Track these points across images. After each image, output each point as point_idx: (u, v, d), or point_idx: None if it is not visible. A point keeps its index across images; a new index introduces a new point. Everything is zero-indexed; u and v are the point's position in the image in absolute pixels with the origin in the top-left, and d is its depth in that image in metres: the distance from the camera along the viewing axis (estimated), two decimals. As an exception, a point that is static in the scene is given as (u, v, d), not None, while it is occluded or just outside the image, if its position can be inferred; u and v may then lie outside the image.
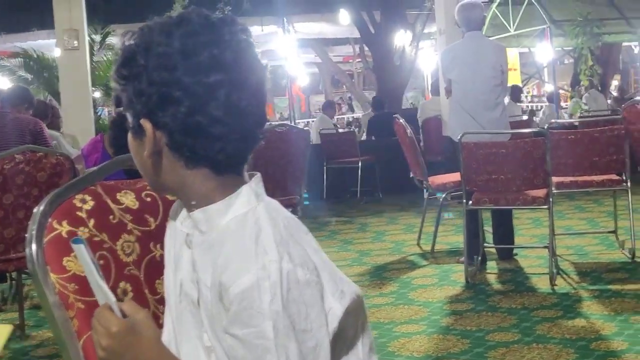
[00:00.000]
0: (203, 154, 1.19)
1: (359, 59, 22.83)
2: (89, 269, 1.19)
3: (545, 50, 13.63)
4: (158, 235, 1.44)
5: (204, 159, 1.20)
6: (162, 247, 1.42)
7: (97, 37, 12.45)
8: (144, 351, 1.21)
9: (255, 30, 16.66)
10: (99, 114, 12.99)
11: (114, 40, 12.50)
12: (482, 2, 6.66)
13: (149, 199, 1.50)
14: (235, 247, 1.17)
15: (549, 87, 16.55)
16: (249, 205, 1.22)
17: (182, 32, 1.18)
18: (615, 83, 19.99)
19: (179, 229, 1.29)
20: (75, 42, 8.99)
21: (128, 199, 1.47)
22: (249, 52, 1.21)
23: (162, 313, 1.40)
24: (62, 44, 9.11)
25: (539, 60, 16.31)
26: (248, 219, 1.20)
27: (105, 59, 12.53)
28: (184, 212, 1.28)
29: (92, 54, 11.08)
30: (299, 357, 1.12)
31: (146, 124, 1.19)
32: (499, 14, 14.16)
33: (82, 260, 1.19)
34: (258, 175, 1.28)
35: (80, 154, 5.32)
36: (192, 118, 1.17)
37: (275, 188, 5.22)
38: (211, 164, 1.21)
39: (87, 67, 9.37)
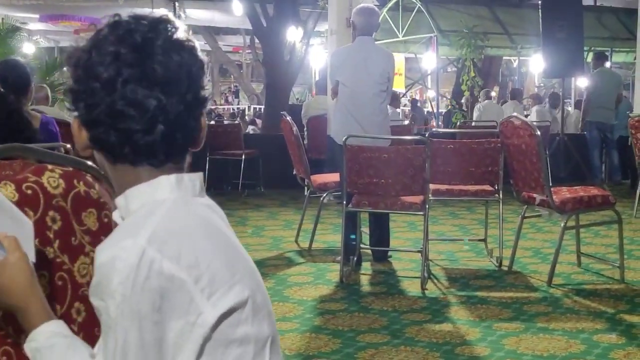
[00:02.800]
0: (112, 148, 1.23)
1: (249, 50, 22.74)
2: None
3: (431, 58, 14.02)
4: (36, 229, 1.40)
5: (115, 153, 1.23)
6: (40, 243, 1.40)
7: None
8: (12, 295, 1.26)
9: (145, 12, 16.29)
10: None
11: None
12: (376, 6, 6.80)
13: (29, 192, 1.45)
14: (122, 226, 1.22)
15: (431, 93, 17.07)
16: (161, 195, 1.24)
17: (99, 33, 1.24)
18: (493, 94, 20.77)
19: (114, 218, 1.32)
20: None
21: (7, 191, 1.42)
22: (163, 49, 1.22)
23: None
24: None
25: (424, 67, 16.74)
26: (151, 205, 1.22)
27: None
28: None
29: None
30: (138, 345, 1.14)
31: (73, 121, 1.25)
32: (389, 19, 14.43)
33: None
34: (195, 174, 1.29)
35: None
36: (96, 113, 1.20)
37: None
38: (122, 157, 1.23)
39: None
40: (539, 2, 11.33)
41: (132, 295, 1.12)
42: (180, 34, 1.26)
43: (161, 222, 1.18)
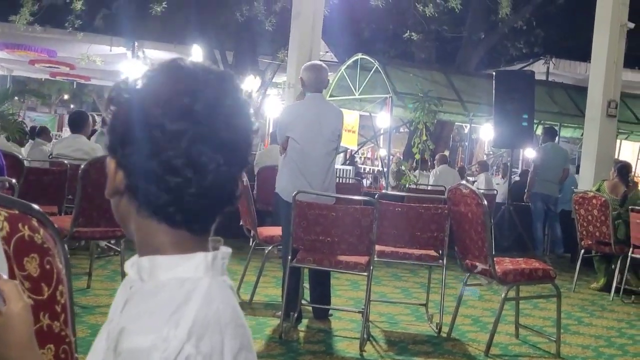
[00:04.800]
0: (155, 202, 1.15)
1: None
2: None
3: (385, 118, 14.18)
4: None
5: (155, 209, 1.16)
6: None
7: None
8: (11, 350, 1.15)
9: (103, 49, 16.27)
10: None
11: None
12: (334, 63, 6.85)
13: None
14: (156, 305, 1.12)
15: (382, 152, 17.24)
16: (195, 273, 1.16)
17: (165, 76, 1.16)
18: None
19: (127, 270, 1.23)
20: None
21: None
22: (231, 109, 1.17)
23: None
24: None
25: (378, 126, 16.92)
26: (186, 286, 1.14)
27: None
28: (135, 256, 1.23)
29: None
30: None
31: (110, 162, 1.17)
32: (346, 77, 14.61)
33: None
34: (226, 251, 1.23)
35: None
36: (148, 163, 1.12)
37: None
38: (163, 215, 1.16)
39: None
40: (493, 73, 11.60)
41: None
42: (244, 94, 1.21)
43: (199, 312, 1.12)
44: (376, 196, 6.00)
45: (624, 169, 8.55)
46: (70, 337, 1.59)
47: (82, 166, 5.64)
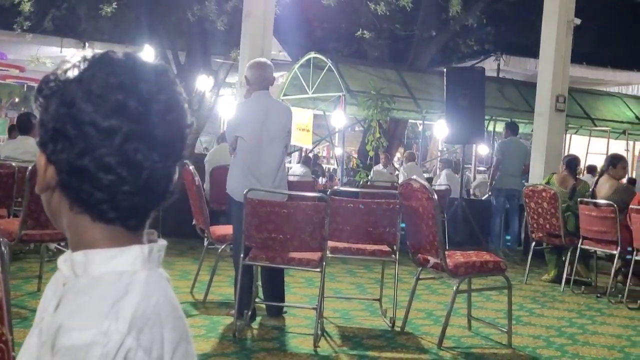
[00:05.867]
0: (87, 200, 1.12)
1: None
2: None
3: (339, 116, 14.22)
4: None
5: (88, 206, 1.13)
6: None
7: None
8: None
9: (53, 51, 16.05)
10: None
11: None
12: (287, 62, 6.84)
13: None
14: (94, 300, 1.10)
15: (337, 151, 17.27)
16: (131, 266, 1.14)
17: (97, 69, 1.12)
18: (398, 155, 21.25)
19: (59, 266, 1.20)
20: None
21: None
22: (166, 104, 1.14)
23: None
24: None
25: (332, 125, 16.95)
26: (123, 279, 1.12)
27: None
28: (68, 251, 1.19)
29: None
30: None
31: (40, 157, 1.13)
32: (300, 76, 14.61)
33: None
34: (162, 243, 1.21)
35: None
36: (80, 160, 1.10)
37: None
38: (96, 212, 1.13)
39: None
40: (444, 70, 11.71)
41: None
42: (178, 88, 1.18)
43: (139, 305, 1.09)
44: (328, 192, 6.02)
45: (572, 163, 8.70)
46: (7, 335, 1.57)
47: (30, 168, 5.57)
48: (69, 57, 1.17)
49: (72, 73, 1.13)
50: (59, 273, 1.22)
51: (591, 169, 14.02)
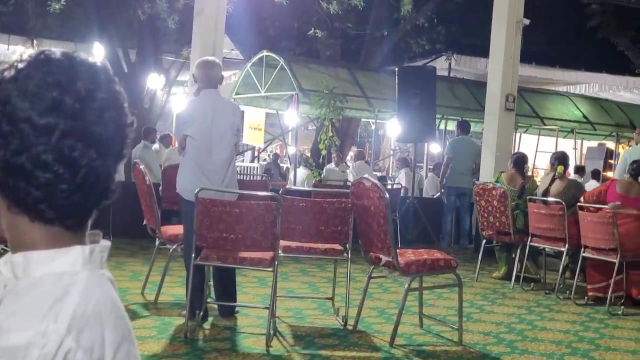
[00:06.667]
0: (25, 199, 1.10)
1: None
2: None
3: (292, 115, 14.21)
4: None
5: (26, 205, 1.11)
6: None
7: None
8: None
9: (0, 48, 15.74)
10: None
11: None
12: (240, 61, 6.80)
13: None
14: (33, 301, 1.08)
15: (290, 150, 17.27)
16: (72, 267, 1.12)
17: (33, 67, 1.10)
18: (351, 154, 21.32)
19: (0, 269, 1.17)
20: None
21: None
22: (104, 102, 1.13)
23: None
24: None
25: (285, 123, 16.94)
26: (63, 280, 1.10)
27: None
28: (9, 253, 1.17)
29: None
30: None
31: None
32: (252, 74, 14.57)
33: None
34: (104, 244, 1.19)
35: None
36: (17, 158, 1.08)
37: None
38: (35, 212, 1.11)
39: None
40: (396, 69, 11.78)
41: None
42: (118, 86, 1.17)
43: (79, 306, 1.08)
44: (280, 192, 6.01)
45: (519, 161, 8.79)
46: None
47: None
48: (5, 57, 1.15)
49: (9, 73, 1.12)
50: (0, 275, 1.20)
51: (579, 169, 14.26)
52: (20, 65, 1.12)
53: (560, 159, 8.39)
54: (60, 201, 1.11)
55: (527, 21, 11.12)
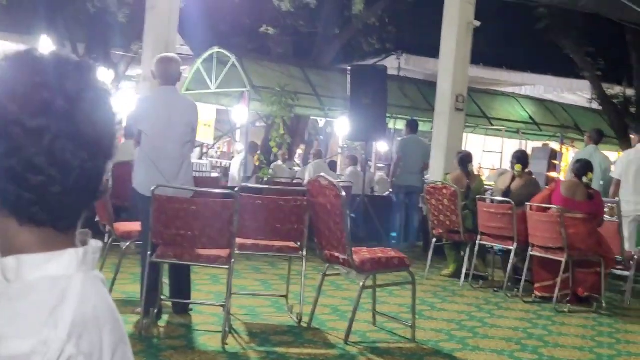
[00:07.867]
0: (15, 202, 1.08)
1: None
2: None
3: (242, 112, 14.15)
4: None
5: (17, 208, 1.09)
6: None
7: None
8: None
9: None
10: None
11: None
12: (190, 57, 6.76)
13: None
14: (31, 307, 1.07)
15: (239, 147, 17.20)
16: (67, 271, 1.11)
17: (19, 68, 1.08)
18: (299, 152, 21.36)
19: None
20: None
21: None
22: (93, 102, 1.11)
23: None
24: None
25: (234, 120, 16.86)
26: (58, 285, 1.09)
27: None
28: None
29: None
30: None
31: None
32: (202, 70, 14.46)
33: None
34: (96, 245, 1.17)
35: None
36: (6, 161, 1.06)
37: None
38: (26, 215, 1.09)
39: None
40: (348, 67, 11.84)
41: None
42: (104, 85, 1.16)
43: (77, 311, 1.07)
44: (236, 189, 6.00)
45: (464, 160, 8.88)
46: None
47: None
48: None
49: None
50: None
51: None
52: (5, 65, 1.11)
53: (519, 158, 8.53)
54: (52, 204, 1.10)
55: (477, 23, 11.27)
